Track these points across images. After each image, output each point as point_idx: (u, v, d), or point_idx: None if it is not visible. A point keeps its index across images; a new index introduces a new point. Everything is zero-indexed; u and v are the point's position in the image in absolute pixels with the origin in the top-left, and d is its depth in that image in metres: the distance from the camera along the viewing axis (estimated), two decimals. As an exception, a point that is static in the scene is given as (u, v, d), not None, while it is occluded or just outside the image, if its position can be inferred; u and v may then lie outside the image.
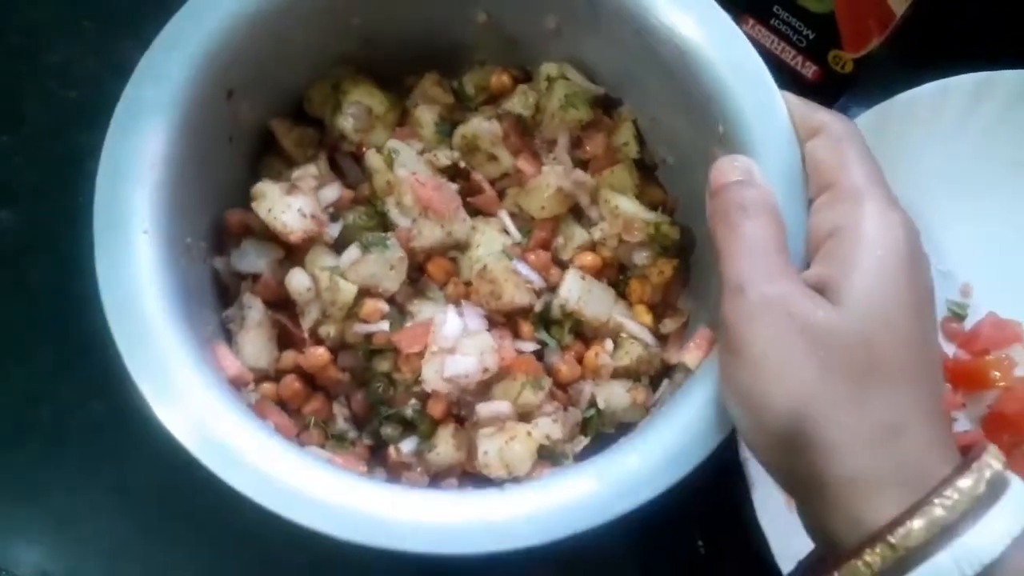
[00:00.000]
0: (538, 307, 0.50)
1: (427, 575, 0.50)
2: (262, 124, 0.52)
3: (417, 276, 0.51)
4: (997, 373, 0.55)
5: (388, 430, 0.49)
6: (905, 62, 0.59)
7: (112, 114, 0.44)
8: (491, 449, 0.45)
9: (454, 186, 0.51)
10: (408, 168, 0.50)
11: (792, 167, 0.43)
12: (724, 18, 0.46)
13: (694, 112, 0.48)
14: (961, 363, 0.57)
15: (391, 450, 0.48)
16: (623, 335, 0.50)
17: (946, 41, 0.61)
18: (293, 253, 0.50)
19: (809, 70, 0.57)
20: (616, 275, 0.53)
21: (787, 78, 0.45)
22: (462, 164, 0.52)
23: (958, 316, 0.59)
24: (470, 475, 0.48)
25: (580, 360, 0.50)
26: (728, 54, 0.46)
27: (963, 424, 0.57)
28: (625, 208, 0.50)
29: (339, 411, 0.50)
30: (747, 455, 0.52)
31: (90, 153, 0.43)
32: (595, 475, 0.39)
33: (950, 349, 0.58)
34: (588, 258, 0.51)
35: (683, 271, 0.53)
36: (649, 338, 0.50)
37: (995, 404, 0.56)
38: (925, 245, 0.56)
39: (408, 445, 0.48)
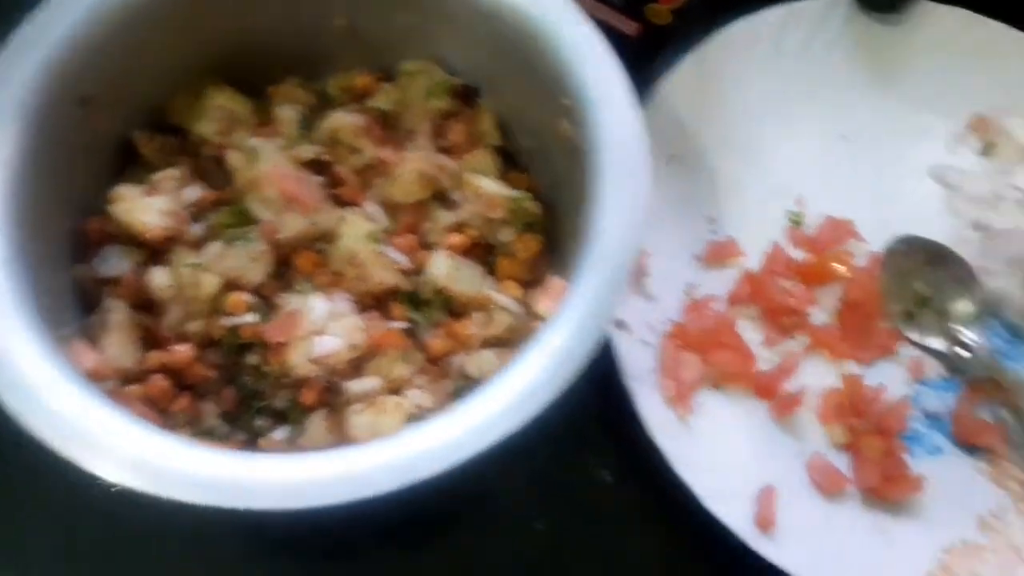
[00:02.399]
0: (407, 287, 0.50)
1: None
2: (123, 134, 0.53)
3: (285, 271, 0.51)
4: (840, 266, 0.61)
5: (260, 423, 0.48)
6: (720, 7, 0.65)
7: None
8: (361, 423, 0.45)
9: (317, 178, 0.51)
10: (270, 163, 0.51)
11: (633, 133, 0.46)
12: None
13: (543, 90, 0.50)
14: (807, 263, 0.62)
15: (261, 441, 0.47)
16: (492, 307, 0.51)
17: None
18: (157, 256, 0.50)
19: (630, 27, 0.61)
20: (485, 255, 0.53)
21: (609, 38, 0.48)
22: (325, 158, 0.53)
23: (797, 223, 0.64)
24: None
25: (453, 337, 0.50)
26: (568, 31, 0.49)
27: (820, 317, 0.61)
28: (486, 187, 0.51)
29: (209, 408, 0.49)
30: (631, 381, 0.53)
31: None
32: (449, 422, 0.39)
33: (797, 254, 0.63)
34: (455, 238, 0.52)
35: (550, 249, 0.54)
36: (518, 308, 0.51)
37: (844, 295, 0.61)
38: (759, 164, 0.65)
39: (280, 434, 0.47)
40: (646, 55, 0.63)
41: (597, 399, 0.55)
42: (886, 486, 0.55)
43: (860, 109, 0.68)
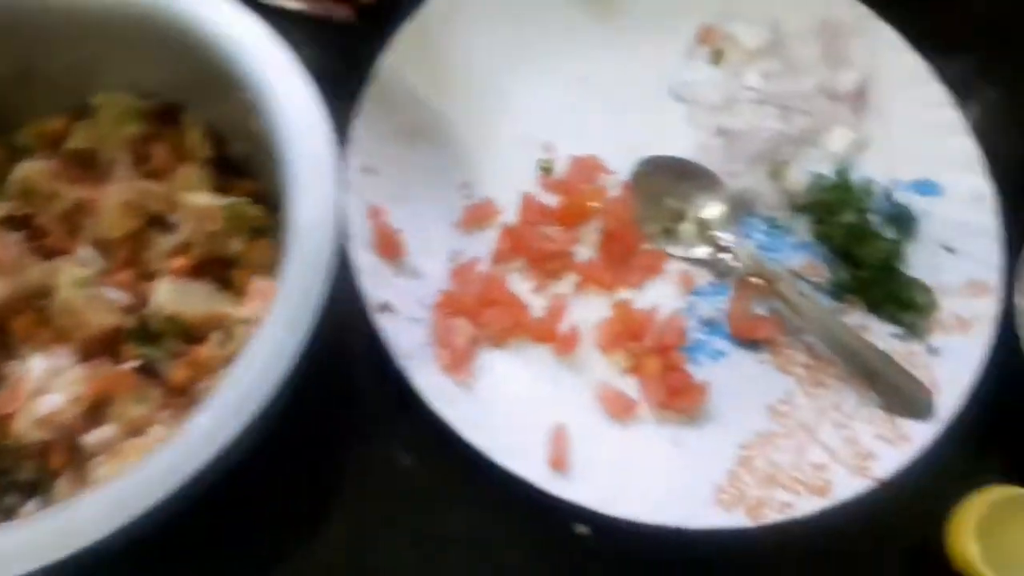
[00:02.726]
0: (131, 323, 0.48)
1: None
2: None
3: (5, 338, 0.48)
4: (593, 203, 0.62)
5: (10, 500, 0.46)
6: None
7: None
8: (105, 474, 0.43)
9: (16, 234, 0.49)
10: (-41, 232, 0.48)
11: (313, 121, 0.46)
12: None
13: (232, 94, 0.49)
14: (561, 206, 0.62)
15: (15, 518, 0.45)
16: (232, 323, 0.49)
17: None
18: None
19: (344, 12, 0.60)
20: (223, 271, 0.52)
21: (332, 31, 0.47)
22: (23, 212, 0.50)
23: (547, 170, 0.65)
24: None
25: (194, 364, 0.48)
26: (237, 31, 0.49)
27: (585, 254, 0.62)
28: (197, 201, 0.50)
29: (-51, 499, 0.46)
30: (404, 361, 0.53)
31: None
32: (171, 442, 0.38)
33: (552, 200, 0.63)
34: (178, 261, 0.50)
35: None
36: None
37: (602, 227, 0.62)
38: (502, 121, 0.64)
39: (32, 506, 0.45)
40: (369, 37, 0.62)
41: (383, 386, 0.54)
42: (673, 399, 0.57)
43: (593, 46, 0.69)
